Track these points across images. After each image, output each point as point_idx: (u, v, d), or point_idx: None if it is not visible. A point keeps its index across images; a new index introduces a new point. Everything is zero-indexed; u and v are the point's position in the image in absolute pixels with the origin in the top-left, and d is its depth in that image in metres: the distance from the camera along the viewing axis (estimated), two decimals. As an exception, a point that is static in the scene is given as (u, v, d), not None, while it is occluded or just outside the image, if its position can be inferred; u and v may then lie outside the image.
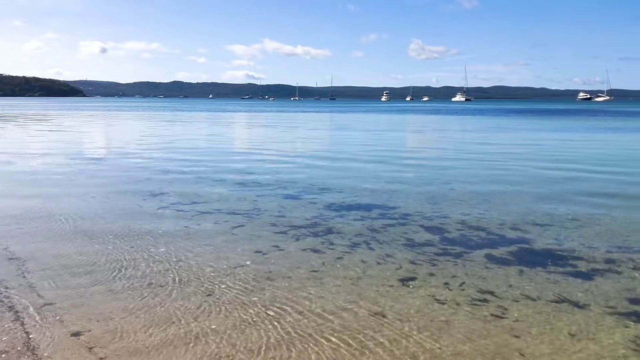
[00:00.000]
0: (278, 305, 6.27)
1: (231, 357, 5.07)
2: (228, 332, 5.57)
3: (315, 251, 8.43)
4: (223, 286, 6.87)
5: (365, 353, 5.14)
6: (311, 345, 5.30)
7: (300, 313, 6.04)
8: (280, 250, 8.49)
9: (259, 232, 9.56)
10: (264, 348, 5.24)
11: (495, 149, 26.80)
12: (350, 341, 5.37)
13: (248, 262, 7.85)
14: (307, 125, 53.46)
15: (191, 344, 5.30)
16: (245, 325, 5.72)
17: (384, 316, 5.97)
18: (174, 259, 7.98)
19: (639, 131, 42.26)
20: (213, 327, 5.68)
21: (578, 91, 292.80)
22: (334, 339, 5.41)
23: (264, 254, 8.26)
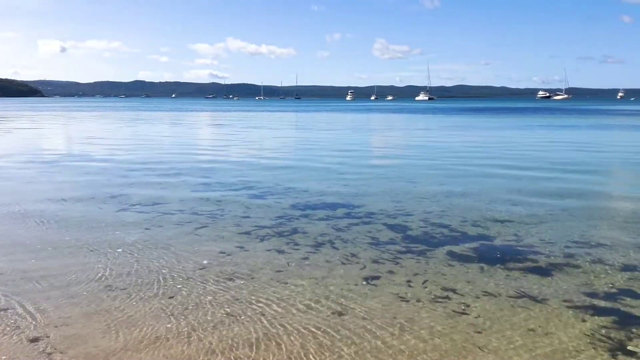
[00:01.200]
0: (241, 306, 6.22)
1: (193, 359, 5.00)
2: (190, 334, 5.49)
3: (280, 251, 8.39)
4: (185, 288, 6.77)
5: (328, 352, 5.14)
6: (274, 345, 5.27)
7: (263, 314, 6.00)
8: (244, 250, 8.42)
9: (223, 233, 9.47)
10: (226, 349, 5.18)
11: (457, 147, 27.21)
12: (313, 341, 5.36)
13: (211, 264, 7.76)
14: (272, 124, 53.28)
15: (152, 348, 5.20)
16: (207, 327, 5.65)
17: (347, 315, 5.98)
18: (135, 262, 7.82)
19: (593, 128, 43.51)
20: (175, 330, 5.59)
21: (537, 90, 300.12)
22: (297, 339, 5.39)
23: (228, 255, 8.18)
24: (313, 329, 5.62)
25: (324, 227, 9.95)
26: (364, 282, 7.04)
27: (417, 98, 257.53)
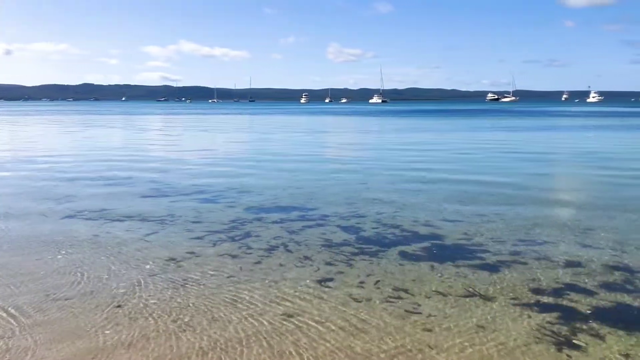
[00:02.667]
0: (191, 313, 6.10)
1: (142, 371, 4.87)
2: (139, 343, 5.35)
3: (233, 256, 8.29)
4: (134, 296, 6.60)
5: (280, 356, 5.10)
6: (225, 352, 5.19)
7: (215, 320, 5.91)
8: (195, 256, 8.28)
9: (174, 239, 9.29)
10: (176, 358, 5.07)
11: (409, 149, 27.61)
12: (266, 345, 5.31)
13: (161, 270, 7.59)
14: (226, 128, 52.77)
15: (99, 358, 5.04)
16: (156, 336, 5.52)
17: (300, 318, 5.95)
18: (81, 270, 7.58)
19: (542, 130, 44.98)
20: (123, 339, 5.44)
21: (487, 92, 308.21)
22: (249, 345, 5.33)
23: (178, 261, 8.02)
24: (264, 334, 5.57)
25: (278, 230, 9.89)
26: (317, 284, 7.03)
27: (370, 101, 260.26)
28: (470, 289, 6.88)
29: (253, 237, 9.37)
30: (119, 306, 6.30)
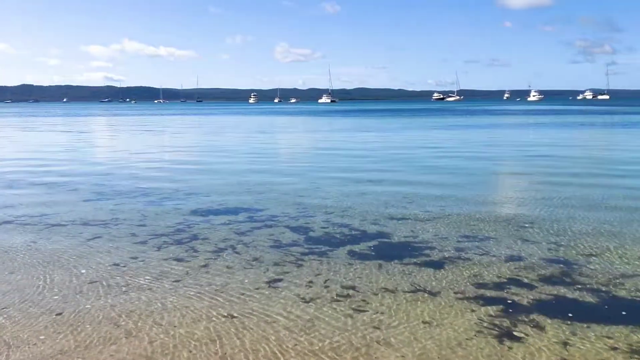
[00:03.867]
0: (135, 319, 5.95)
1: (84, 381, 4.71)
2: (80, 352, 5.17)
3: (179, 260, 8.14)
4: (75, 303, 6.38)
5: (228, 358, 5.05)
6: (172, 358, 5.09)
7: (159, 325, 5.79)
8: (139, 261, 8.08)
9: (117, 243, 9.04)
10: (120, 367, 4.94)
11: (357, 148, 27.89)
12: (213, 348, 5.24)
13: (104, 276, 7.38)
14: (171, 128, 51.83)
15: (37, 371, 4.85)
16: (99, 343, 5.35)
17: (248, 320, 5.90)
18: (19, 277, 7.28)
19: (484, 128, 46.34)
20: (63, 348, 5.24)
21: (432, 92, 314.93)
22: (195, 350, 5.24)
23: (122, 266, 7.81)
24: (211, 337, 5.50)
25: (226, 232, 9.79)
26: (266, 285, 7.00)
27: (319, 100, 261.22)
28: (416, 285, 7.00)
29: (200, 240, 9.23)
30: (58, 314, 6.08)
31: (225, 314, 6.08)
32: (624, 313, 6.07)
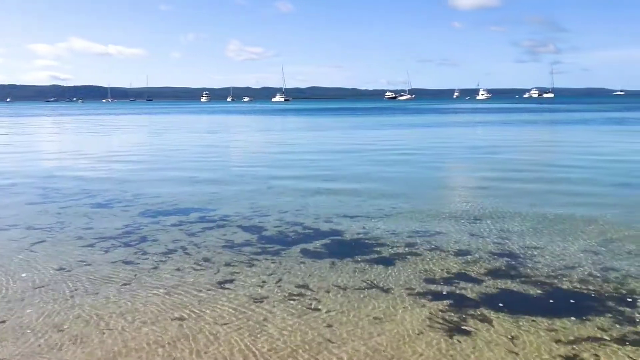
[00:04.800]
0: (82, 325, 5.77)
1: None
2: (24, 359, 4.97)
3: (127, 262, 7.93)
4: (19, 310, 6.13)
5: (179, 364, 4.95)
6: (120, 364, 4.95)
7: (108, 330, 5.63)
8: (86, 265, 7.84)
9: (63, 247, 8.74)
10: (65, 375, 4.77)
11: (314, 145, 27.92)
12: (162, 353, 5.13)
13: (50, 281, 7.12)
14: (119, 128, 50.57)
15: (-25, 383, 4.63)
16: (44, 351, 5.16)
17: (199, 322, 5.81)
18: (-44, 287, 6.92)
19: (434, 126, 47.21)
20: (5, 357, 5.02)
21: (385, 91, 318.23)
22: (144, 354, 5.12)
23: (68, 271, 7.56)
24: (161, 341, 5.38)
25: (176, 233, 9.61)
26: (217, 287, 6.91)
27: (273, 99, 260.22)
28: (368, 282, 7.06)
29: (149, 242, 9.03)
30: (2, 322, 5.83)
31: (175, 317, 5.97)
32: (567, 305, 6.28)
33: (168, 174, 17.36)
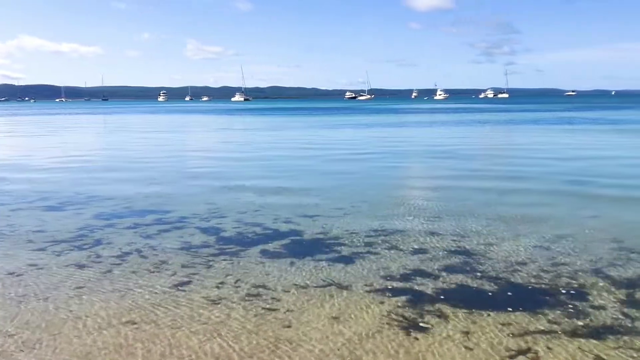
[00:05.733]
0: (32, 330, 5.57)
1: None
2: (-34, 373, 4.77)
3: (80, 266, 7.72)
4: (-38, 319, 5.87)
5: (133, 369, 4.84)
6: (72, 371, 4.81)
7: (60, 335, 5.45)
8: (38, 269, 7.59)
9: (13, 251, 8.45)
10: (13, 384, 4.60)
11: (269, 145, 27.80)
12: (116, 358, 5.00)
13: (-4, 287, 6.85)
14: (72, 129, 49.19)
15: None
16: (-11, 362, 4.96)
17: (154, 326, 5.69)
18: None
19: (394, 126, 47.68)
20: (-54, 370, 4.82)
21: (345, 91, 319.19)
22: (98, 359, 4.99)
23: (18, 275, 7.31)
24: (115, 347, 5.25)
25: (131, 235, 9.41)
26: (173, 289, 6.79)
27: (232, 99, 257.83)
28: (327, 281, 7.07)
29: (104, 245, 8.81)
30: (-58, 332, 5.58)
31: (130, 321, 5.83)
32: (520, 300, 6.44)
33: (122, 175, 16.98)
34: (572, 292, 6.64)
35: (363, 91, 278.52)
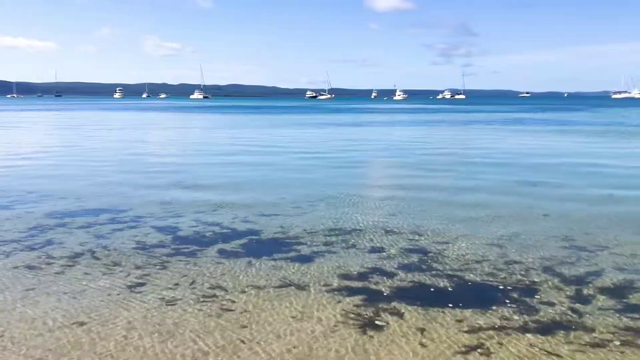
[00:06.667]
0: (-23, 336, 5.36)
1: None
2: None
3: (30, 267, 7.47)
4: None
5: (84, 373, 4.72)
6: (19, 376, 4.65)
7: (9, 339, 5.26)
8: (-17, 271, 7.31)
9: (-44, 253, 8.10)
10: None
11: (228, 144, 27.55)
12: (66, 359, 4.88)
13: (-62, 291, 6.56)
14: (21, 126, 47.55)
15: None
16: None
17: (107, 328, 5.56)
18: None
19: (357, 125, 48.00)
20: None
21: (305, 90, 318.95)
22: (46, 364, 4.84)
23: (-38, 278, 7.01)
24: (66, 350, 5.11)
25: (84, 235, 9.17)
26: (127, 291, 6.65)
27: (191, 96, 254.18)
28: (285, 281, 7.05)
29: (55, 245, 8.56)
30: None
31: (82, 323, 5.68)
32: (474, 297, 6.58)
33: (74, 173, 16.53)
34: (523, 289, 6.82)
35: (324, 90, 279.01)
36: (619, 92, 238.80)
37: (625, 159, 21.32)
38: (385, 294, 6.64)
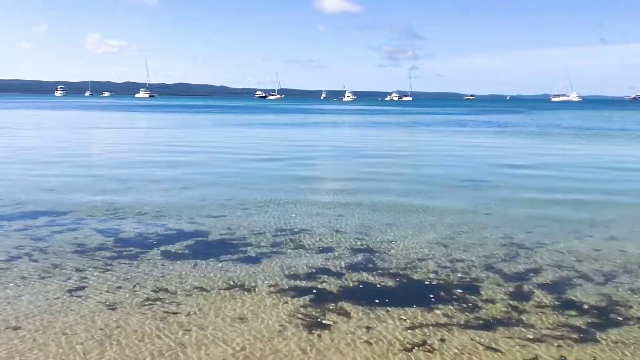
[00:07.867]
0: None
1: None
2: None
3: (-40, 272, 7.10)
4: None
5: (18, 382, 4.51)
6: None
7: None
8: None
9: None
10: None
11: (173, 144, 27.05)
12: (0, 372, 4.66)
13: None
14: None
15: None
16: None
17: (45, 335, 5.34)
18: None
19: (304, 126, 48.03)
20: None
21: (254, 90, 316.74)
22: (-23, 374, 4.60)
23: None
24: (2, 354, 4.88)
25: (20, 238, 8.79)
26: (66, 295, 6.42)
27: (137, 95, 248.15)
28: (231, 282, 6.98)
29: (-12, 249, 8.16)
30: None
31: (17, 328, 5.44)
32: (418, 295, 6.71)
33: (8, 173, 15.82)
34: (465, 286, 7.00)
35: (273, 91, 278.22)
36: (558, 95, 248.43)
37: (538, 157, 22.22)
38: (332, 294, 6.67)
